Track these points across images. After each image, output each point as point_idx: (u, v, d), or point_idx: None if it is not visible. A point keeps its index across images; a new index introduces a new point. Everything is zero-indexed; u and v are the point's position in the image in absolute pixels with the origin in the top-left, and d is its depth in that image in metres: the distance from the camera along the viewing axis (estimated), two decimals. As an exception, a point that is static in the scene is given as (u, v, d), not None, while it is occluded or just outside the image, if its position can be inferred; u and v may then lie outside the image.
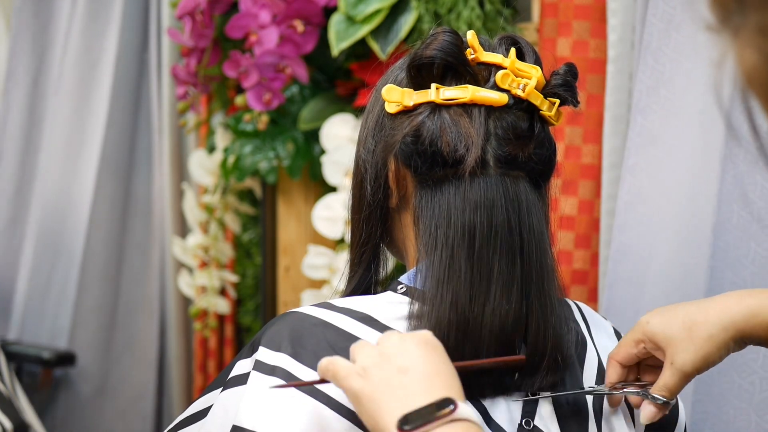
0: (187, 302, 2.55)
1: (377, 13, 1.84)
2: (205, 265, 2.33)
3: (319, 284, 2.04)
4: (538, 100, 0.96)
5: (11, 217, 2.70)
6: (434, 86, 0.95)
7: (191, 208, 2.33)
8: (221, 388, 0.95)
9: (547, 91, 0.98)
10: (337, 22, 1.88)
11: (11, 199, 2.70)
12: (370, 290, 1.02)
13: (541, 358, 0.94)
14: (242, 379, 0.93)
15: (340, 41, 1.86)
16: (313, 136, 2.03)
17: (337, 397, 0.89)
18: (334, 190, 1.97)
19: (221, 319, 2.47)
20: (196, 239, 2.31)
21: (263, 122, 2.04)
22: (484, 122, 0.94)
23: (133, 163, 2.62)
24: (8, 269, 2.69)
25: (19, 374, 2.49)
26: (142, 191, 2.62)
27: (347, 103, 2.01)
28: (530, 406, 0.96)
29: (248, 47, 1.99)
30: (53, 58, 2.67)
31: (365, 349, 0.85)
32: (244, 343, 2.47)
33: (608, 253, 1.65)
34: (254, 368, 0.91)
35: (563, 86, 0.98)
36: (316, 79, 2.10)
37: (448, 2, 1.80)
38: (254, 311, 2.43)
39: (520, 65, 0.96)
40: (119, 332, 2.62)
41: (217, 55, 2.11)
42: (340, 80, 2.06)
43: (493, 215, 0.93)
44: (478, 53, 0.97)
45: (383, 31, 1.85)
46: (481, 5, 1.81)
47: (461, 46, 0.96)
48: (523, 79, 0.96)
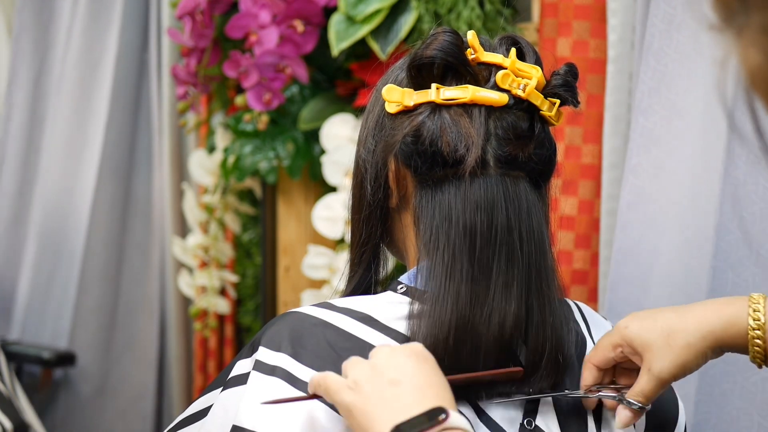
0: (187, 302, 2.55)
1: (377, 13, 1.84)
2: (205, 265, 2.33)
3: (319, 284, 2.04)
4: (538, 100, 0.96)
5: (13, 217, 2.70)
6: (434, 86, 0.95)
7: (191, 208, 2.33)
8: (221, 387, 0.95)
9: (547, 91, 0.98)
10: (337, 22, 1.88)
11: (13, 199, 2.70)
12: (370, 290, 1.02)
13: (541, 358, 0.94)
14: (242, 379, 0.92)
15: (340, 41, 1.86)
16: (313, 136, 2.03)
17: None
18: (334, 190, 1.97)
19: (221, 319, 2.47)
20: (196, 239, 2.31)
21: (263, 122, 2.04)
22: (484, 122, 0.94)
23: (133, 163, 2.62)
24: (9, 269, 2.69)
25: (19, 374, 2.49)
26: (142, 191, 2.62)
27: (347, 103, 2.01)
28: (532, 405, 0.96)
29: (248, 47, 1.99)
30: (55, 58, 2.67)
31: (357, 364, 0.85)
32: (244, 343, 2.47)
33: (608, 253, 1.65)
34: (254, 368, 0.91)
35: (563, 86, 0.98)
36: (316, 79, 2.10)
37: (448, 2, 1.80)
38: (254, 311, 2.43)
39: (520, 65, 0.96)
40: (119, 332, 2.62)
41: (217, 55, 2.11)
42: (340, 80, 2.06)
43: (493, 215, 0.93)
44: (478, 53, 0.97)
45: (383, 31, 1.85)
46: (481, 5, 1.81)
47: (461, 46, 0.96)
48: (523, 79, 0.96)
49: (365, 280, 1.02)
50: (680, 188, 1.47)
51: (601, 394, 0.96)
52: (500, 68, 0.96)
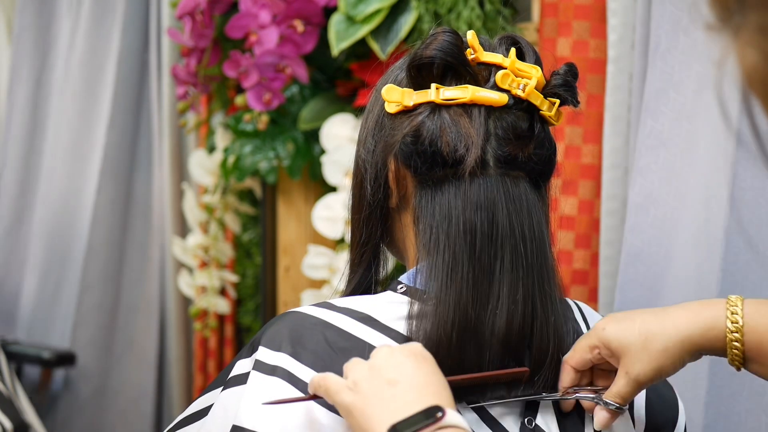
0: (187, 302, 2.55)
1: (377, 13, 1.84)
2: (205, 265, 2.33)
3: (319, 284, 2.04)
4: (538, 100, 0.96)
5: (15, 217, 2.70)
6: (434, 86, 0.95)
7: (191, 208, 2.33)
8: (221, 387, 0.95)
9: (547, 91, 0.98)
10: (337, 22, 1.88)
11: (15, 199, 2.70)
12: (370, 290, 1.02)
13: (544, 358, 0.94)
14: (242, 378, 0.93)
15: (340, 41, 1.86)
16: (313, 136, 2.03)
17: None
18: (334, 190, 1.97)
19: (221, 319, 2.47)
20: (196, 239, 2.31)
21: (263, 122, 2.04)
22: (484, 122, 0.94)
23: (134, 163, 2.62)
24: (11, 269, 2.70)
25: (19, 374, 2.49)
26: (143, 192, 2.62)
27: (347, 103, 2.01)
28: (532, 404, 0.96)
29: (248, 47, 1.99)
30: (55, 59, 2.67)
31: (357, 364, 0.86)
32: (244, 343, 2.47)
33: (609, 252, 1.65)
34: (254, 368, 0.91)
35: (563, 86, 0.98)
36: (316, 79, 2.10)
37: (448, 2, 1.80)
38: (254, 311, 2.43)
39: (520, 65, 0.96)
40: (120, 332, 2.62)
41: (217, 55, 2.11)
42: (340, 80, 2.06)
43: (493, 215, 0.93)
44: (478, 53, 0.97)
45: (383, 31, 1.85)
46: (481, 5, 1.81)
47: (461, 46, 0.96)
48: (523, 79, 0.96)
49: (365, 280, 1.02)
50: (693, 192, 1.47)
51: (578, 395, 0.96)
52: (500, 68, 0.96)
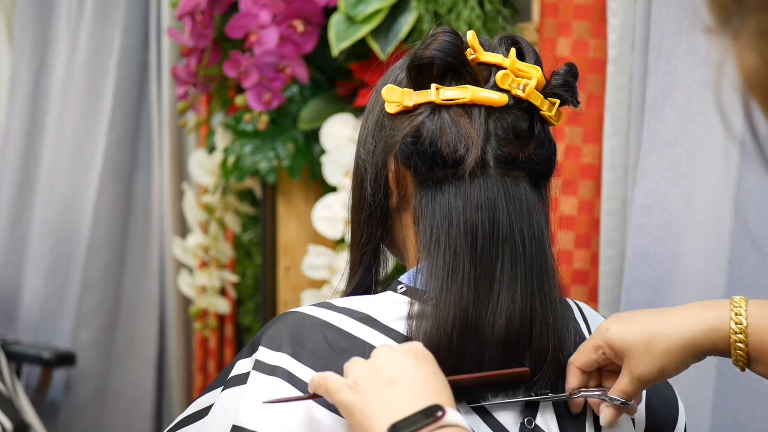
0: (187, 302, 2.55)
1: (377, 13, 1.84)
2: (205, 265, 2.33)
3: (319, 284, 2.04)
4: (538, 100, 0.96)
5: (14, 217, 2.70)
6: (434, 86, 0.95)
7: (191, 208, 2.33)
8: (221, 387, 0.95)
9: (547, 91, 0.98)
10: (337, 22, 1.88)
11: (14, 199, 2.70)
12: (370, 290, 1.02)
13: (544, 358, 0.94)
14: (242, 378, 0.93)
15: (340, 41, 1.86)
16: (313, 136, 2.03)
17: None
18: (334, 190, 1.97)
19: (221, 319, 2.47)
20: (196, 239, 2.31)
21: (263, 122, 2.04)
22: (484, 122, 0.94)
23: (135, 163, 2.62)
24: (12, 269, 2.70)
25: (19, 374, 2.49)
26: (143, 192, 2.62)
27: (347, 103, 2.01)
28: (532, 405, 0.96)
29: (248, 47, 1.99)
30: (54, 58, 2.67)
31: (357, 364, 0.86)
32: (244, 343, 2.47)
33: (609, 253, 1.65)
34: (254, 368, 0.91)
35: (563, 86, 0.98)
36: (316, 79, 2.10)
37: (448, 2, 1.80)
38: (254, 311, 2.43)
39: (520, 65, 0.96)
40: (121, 332, 2.62)
41: (217, 55, 2.11)
42: (340, 80, 2.06)
43: (494, 215, 0.93)
44: (478, 53, 0.97)
45: (383, 31, 1.85)
46: (481, 5, 1.81)
47: (461, 46, 0.96)
48: (523, 79, 0.96)
49: (365, 280, 1.02)
50: (701, 194, 1.47)
51: (583, 393, 0.96)
52: (500, 68, 0.96)
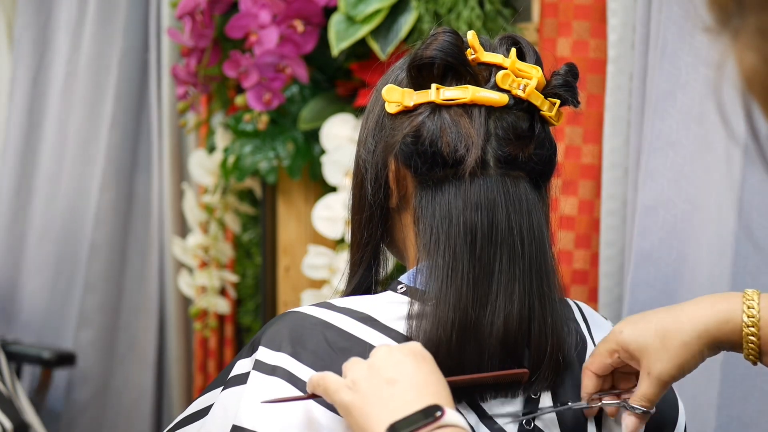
0: (187, 302, 2.55)
1: (377, 13, 1.84)
2: (205, 265, 2.33)
3: (319, 284, 2.04)
4: (538, 100, 0.96)
5: (13, 217, 2.70)
6: (434, 86, 0.95)
7: (191, 208, 2.33)
8: (221, 387, 0.95)
9: (547, 91, 0.98)
10: (337, 22, 1.88)
11: (13, 199, 2.70)
12: (370, 290, 1.02)
13: (542, 358, 0.94)
14: (242, 378, 0.93)
15: (340, 41, 1.86)
16: (313, 136, 2.03)
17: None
18: (334, 190, 1.97)
19: (221, 319, 2.47)
20: (196, 239, 2.31)
21: (263, 122, 2.04)
22: (484, 122, 0.94)
23: (135, 164, 2.62)
24: (11, 270, 2.69)
25: (19, 374, 2.49)
26: (144, 192, 2.62)
27: (347, 103, 2.01)
28: (531, 406, 0.96)
29: (248, 47, 1.99)
30: (53, 57, 2.67)
31: (356, 364, 0.86)
32: (244, 343, 2.48)
33: (609, 253, 1.65)
34: (254, 368, 0.91)
35: (564, 86, 0.98)
36: (316, 79, 2.10)
37: (448, 2, 1.80)
38: (254, 311, 2.43)
39: (520, 65, 0.96)
40: (122, 333, 2.62)
41: (217, 55, 2.11)
42: (340, 80, 2.06)
43: (494, 215, 0.93)
44: (478, 53, 0.97)
45: (383, 31, 1.85)
46: (481, 5, 1.81)
47: (461, 46, 0.96)
48: (523, 79, 0.96)
49: (365, 280, 1.02)
50: (705, 195, 1.47)
51: (604, 402, 0.96)
52: (500, 68, 0.96)
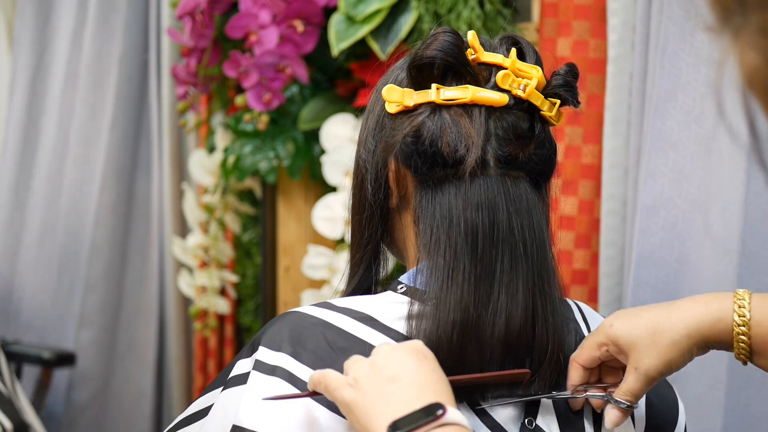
0: (187, 302, 2.55)
1: (377, 13, 1.84)
2: (205, 265, 2.33)
3: (319, 284, 2.04)
4: (538, 100, 0.96)
5: (13, 217, 2.70)
6: (435, 86, 0.95)
7: (191, 208, 2.33)
8: (221, 387, 0.95)
9: (547, 91, 0.98)
10: (337, 22, 1.88)
11: (12, 199, 2.70)
12: (370, 290, 1.02)
13: (544, 358, 0.94)
14: (242, 378, 0.93)
15: (340, 41, 1.86)
16: (313, 136, 2.03)
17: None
18: (334, 190, 1.97)
19: (221, 319, 2.47)
20: (196, 239, 2.31)
21: (263, 122, 2.04)
22: (484, 122, 0.94)
23: (136, 164, 2.62)
24: (13, 270, 2.69)
25: (19, 374, 2.49)
26: (144, 192, 2.62)
27: (347, 103, 2.01)
28: (532, 405, 0.96)
29: (248, 47, 1.99)
30: (52, 57, 2.67)
31: (357, 361, 0.86)
32: (244, 343, 2.48)
33: (609, 253, 1.65)
34: (254, 368, 0.91)
35: (564, 86, 0.98)
36: (316, 79, 2.10)
37: (448, 2, 1.80)
38: (254, 311, 2.43)
39: (520, 65, 0.96)
40: (122, 333, 2.62)
41: (217, 55, 2.11)
42: (340, 80, 2.06)
43: (494, 215, 0.93)
44: (478, 53, 0.97)
45: (383, 31, 1.85)
46: (481, 5, 1.81)
47: (462, 46, 0.96)
48: (523, 79, 0.96)
49: (366, 280, 1.02)
50: (704, 195, 1.47)
51: (588, 394, 0.96)
52: (500, 68, 0.96)
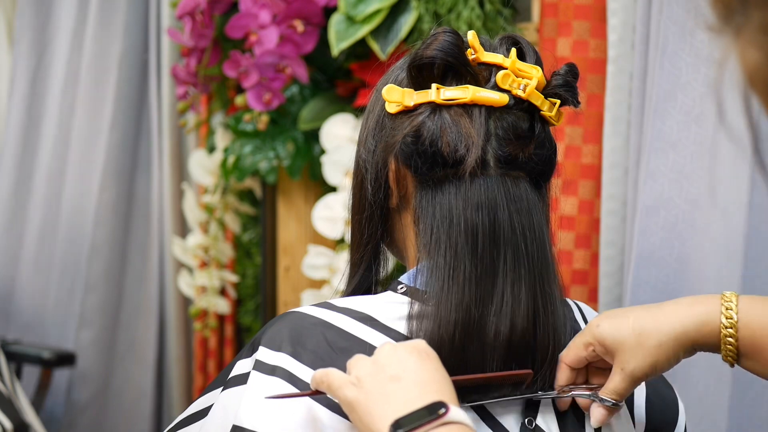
0: (187, 302, 2.55)
1: (377, 13, 1.84)
2: (205, 265, 2.33)
3: (319, 284, 2.04)
4: (538, 100, 0.96)
5: (13, 217, 2.70)
6: (435, 86, 0.95)
7: (191, 208, 2.33)
8: (221, 387, 0.95)
9: (547, 91, 0.98)
10: (337, 22, 1.88)
11: (11, 199, 2.70)
12: (370, 290, 1.02)
13: (544, 357, 0.94)
14: (242, 378, 0.93)
15: (340, 41, 1.86)
16: (313, 136, 2.03)
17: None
18: (334, 190, 1.97)
19: (221, 319, 2.47)
20: (196, 239, 2.31)
21: (263, 122, 2.04)
22: (484, 122, 0.94)
23: (136, 164, 2.62)
24: (13, 269, 2.69)
25: (19, 374, 2.49)
26: (144, 192, 2.62)
27: (347, 103, 2.01)
28: (533, 405, 0.96)
29: (248, 47, 1.99)
30: (51, 57, 2.67)
31: (360, 360, 0.86)
32: (244, 343, 2.47)
33: (609, 252, 1.65)
34: (254, 368, 0.91)
35: (564, 86, 0.98)
36: (316, 79, 2.10)
37: (448, 2, 1.80)
38: (254, 311, 2.43)
39: (520, 65, 0.96)
40: (122, 333, 2.62)
41: (217, 55, 2.11)
42: (340, 80, 2.06)
43: (494, 215, 0.93)
44: (478, 53, 0.97)
45: (383, 31, 1.85)
46: (481, 5, 1.81)
47: (462, 46, 0.96)
48: (523, 79, 0.96)
49: (366, 280, 1.02)
50: (705, 195, 1.47)
51: (574, 393, 0.96)
52: (500, 68, 0.96)
